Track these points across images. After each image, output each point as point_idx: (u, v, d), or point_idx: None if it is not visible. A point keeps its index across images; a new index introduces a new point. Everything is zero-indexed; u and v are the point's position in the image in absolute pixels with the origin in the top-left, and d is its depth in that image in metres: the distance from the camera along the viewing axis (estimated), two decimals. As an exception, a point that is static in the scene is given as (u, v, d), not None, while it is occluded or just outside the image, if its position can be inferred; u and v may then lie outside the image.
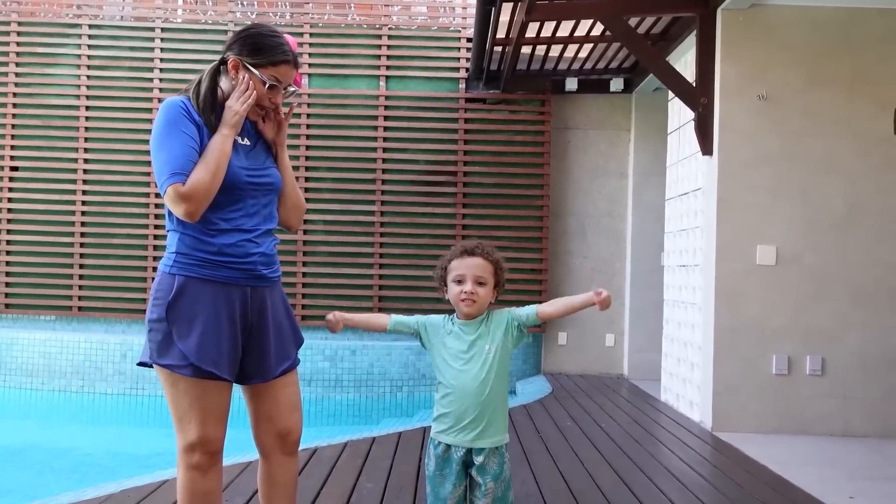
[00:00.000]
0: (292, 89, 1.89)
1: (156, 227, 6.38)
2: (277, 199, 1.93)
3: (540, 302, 6.90)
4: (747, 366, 4.28)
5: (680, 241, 5.07)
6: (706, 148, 4.48)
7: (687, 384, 4.79)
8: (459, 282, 1.93)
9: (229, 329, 1.77)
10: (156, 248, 6.37)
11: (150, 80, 6.49)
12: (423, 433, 3.95)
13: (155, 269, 6.99)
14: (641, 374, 6.18)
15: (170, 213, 1.80)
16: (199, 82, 1.83)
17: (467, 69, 6.45)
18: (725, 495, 3.05)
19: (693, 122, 4.51)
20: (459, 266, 1.94)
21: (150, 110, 6.38)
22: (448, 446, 1.91)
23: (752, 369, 4.28)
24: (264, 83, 1.81)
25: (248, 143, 1.88)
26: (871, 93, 4.35)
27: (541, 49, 5.85)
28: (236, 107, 1.79)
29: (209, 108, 1.80)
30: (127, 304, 6.40)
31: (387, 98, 6.47)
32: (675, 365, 5.05)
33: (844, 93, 4.36)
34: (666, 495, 3.02)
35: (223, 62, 1.84)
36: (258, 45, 1.81)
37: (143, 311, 1.84)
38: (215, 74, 1.84)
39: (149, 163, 1.80)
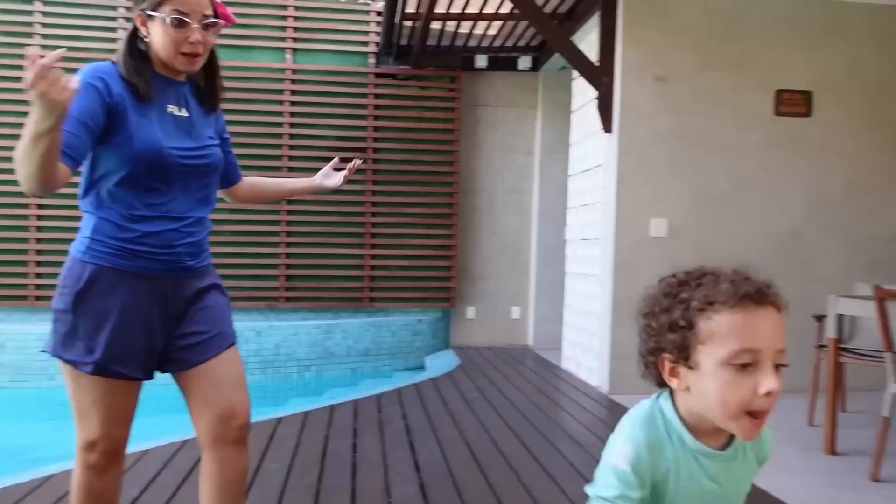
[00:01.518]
0: (213, 20, 1.61)
1: (39, 206, 5.96)
2: (218, 179, 1.75)
3: (449, 278, 6.77)
4: (642, 333, 4.52)
5: (582, 215, 5.26)
6: (607, 126, 4.65)
7: (587, 352, 5.00)
8: (744, 366, 0.96)
9: (144, 325, 1.62)
10: (39, 229, 5.96)
11: (29, 46, 6.02)
12: (330, 411, 3.94)
13: (54, 252, 6.42)
14: (545, 343, 6.41)
15: (84, 191, 1.62)
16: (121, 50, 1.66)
17: (377, 44, 6.37)
18: (619, 454, 3.23)
19: (595, 101, 4.67)
20: (744, 331, 0.97)
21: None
22: None
23: (646, 337, 4.52)
24: (168, 22, 1.58)
25: (186, 113, 1.66)
26: (754, 75, 4.64)
27: (451, 25, 5.85)
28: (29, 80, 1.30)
29: (135, 73, 1.61)
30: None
31: (294, 72, 6.30)
32: (576, 334, 5.26)
33: (730, 75, 4.63)
34: (563, 456, 3.17)
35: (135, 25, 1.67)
36: None
37: (30, 298, 1.71)
38: (132, 39, 1.65)
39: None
